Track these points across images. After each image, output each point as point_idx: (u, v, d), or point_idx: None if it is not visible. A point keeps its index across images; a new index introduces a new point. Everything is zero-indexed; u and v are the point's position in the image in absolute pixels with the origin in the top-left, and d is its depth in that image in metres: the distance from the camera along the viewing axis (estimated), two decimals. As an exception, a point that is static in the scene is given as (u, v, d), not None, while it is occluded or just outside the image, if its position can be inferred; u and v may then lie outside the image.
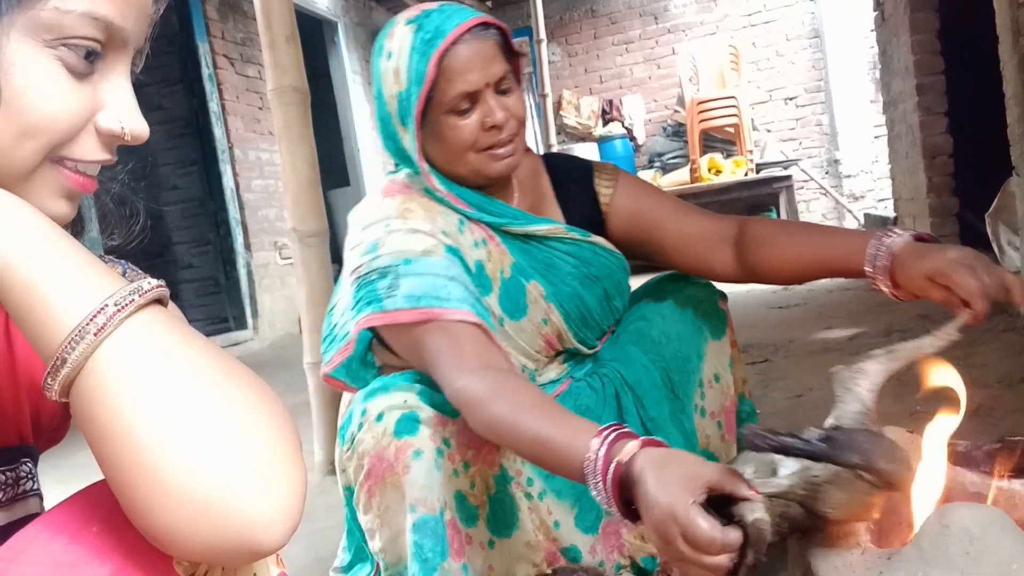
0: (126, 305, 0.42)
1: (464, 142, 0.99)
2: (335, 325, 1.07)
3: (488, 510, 0.98)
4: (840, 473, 0.65)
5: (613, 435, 0.73)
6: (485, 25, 0.98)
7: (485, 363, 0.88)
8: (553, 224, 1.09)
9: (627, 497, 0.71)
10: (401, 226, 0.98)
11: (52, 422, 0.58)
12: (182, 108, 4.81)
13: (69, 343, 0.41)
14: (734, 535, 0.62)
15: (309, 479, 1.14)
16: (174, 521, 0.40)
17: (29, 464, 0.56)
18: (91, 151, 0.48)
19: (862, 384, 0.75)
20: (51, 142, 0.46)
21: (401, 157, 1.06)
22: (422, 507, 0.90)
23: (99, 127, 0.48)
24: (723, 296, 1.21)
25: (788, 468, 0.76)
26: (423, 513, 0.90)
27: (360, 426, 0.93)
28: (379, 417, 0.92)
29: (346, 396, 1.12)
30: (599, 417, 1.09)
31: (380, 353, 1.07)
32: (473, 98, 0.98)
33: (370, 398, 0.94)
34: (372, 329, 0.99)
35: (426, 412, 0.92)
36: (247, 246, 4.83)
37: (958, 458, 0.81)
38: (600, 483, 0.72)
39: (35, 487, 0.57)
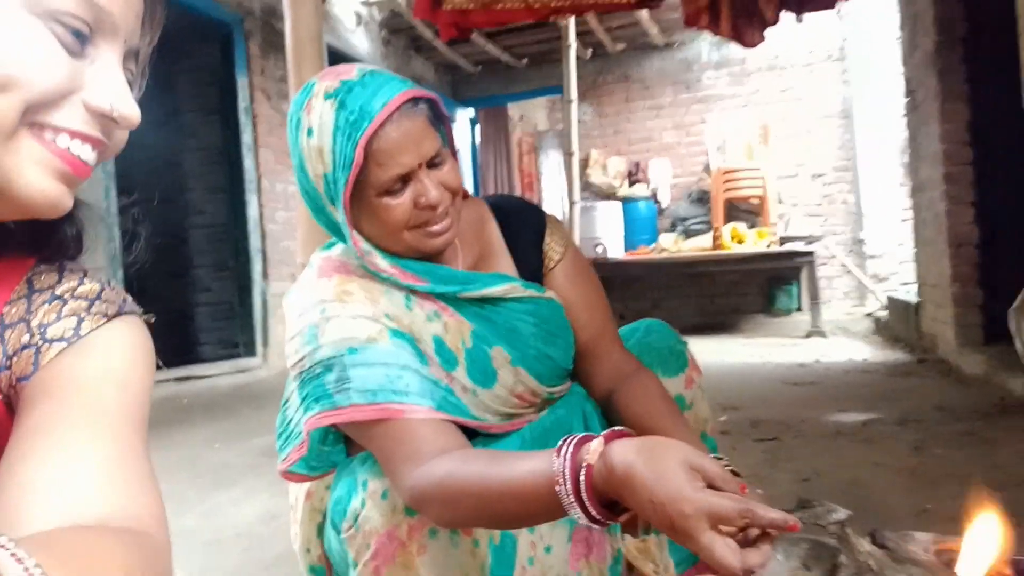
0: None
1: (398, 222, 0.93)
2: (290, 421, 1.02)
3: None
4: None
5: (572, 445, 0.68)
6: (413, 100, 0.91)
7: (441, 450, 0.83)
8: (508, 283, 1.02)
9: (612, 501, 0.66)
10: (340, 311, 0.91)
11: None
12: (217, 137, 4.92)
13: None
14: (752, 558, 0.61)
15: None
16: None
17: None
18: (76, 121, 0.49)
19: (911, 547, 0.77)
20: (28, 99, 0.46)
21: (335, 231, 1.00)
22: None
23: (87, 103, 0.49)
24: (684, 343, 1.20)
25: None
26: None
27: (363, 502, 0.87)
28: (384, 495, 0.87)
29: (295, 487, 1.06)
30: (570, 426, 1.07)
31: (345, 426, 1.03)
32: (406, 178, 0.92)
33: (367, 471, 0.89)
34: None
35: None
36: (265, 275, 4.87)
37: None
38: (573, 500, 0.66)
39: None
